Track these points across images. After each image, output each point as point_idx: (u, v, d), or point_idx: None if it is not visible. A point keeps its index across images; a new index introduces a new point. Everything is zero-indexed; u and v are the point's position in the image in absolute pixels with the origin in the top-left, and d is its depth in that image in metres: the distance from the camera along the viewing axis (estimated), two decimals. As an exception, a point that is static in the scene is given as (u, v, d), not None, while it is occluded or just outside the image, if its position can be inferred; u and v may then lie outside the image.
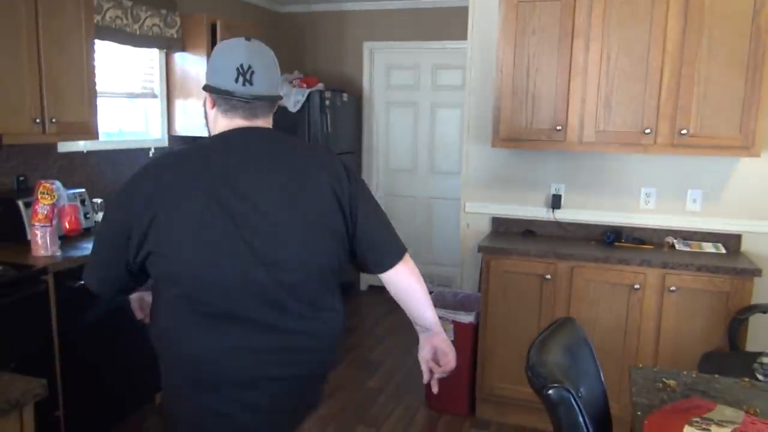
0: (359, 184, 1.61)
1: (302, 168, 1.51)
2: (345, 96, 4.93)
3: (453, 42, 4.96)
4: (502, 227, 3.46)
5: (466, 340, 3.19)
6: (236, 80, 1.46)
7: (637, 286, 2.83)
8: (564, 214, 3.35)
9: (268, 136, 1.53)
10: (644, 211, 3.25)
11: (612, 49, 2.87)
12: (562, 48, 2.92)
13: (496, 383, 3.13)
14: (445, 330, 3.18)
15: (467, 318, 3.16)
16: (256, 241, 1.41)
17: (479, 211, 3.51)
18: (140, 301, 1.76)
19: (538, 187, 3.38)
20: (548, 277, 2.95)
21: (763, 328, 2.97)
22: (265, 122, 1.54)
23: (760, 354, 2.28)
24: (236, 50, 1.48)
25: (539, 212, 3.39)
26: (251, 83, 1.47)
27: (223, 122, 1.52)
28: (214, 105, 1.53)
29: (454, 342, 3.19)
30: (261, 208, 1.42)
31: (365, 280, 5.56)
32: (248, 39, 1.50)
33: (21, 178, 3.04)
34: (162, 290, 1.47)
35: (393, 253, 1.70)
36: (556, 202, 3.34)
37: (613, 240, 3.15)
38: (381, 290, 5.28)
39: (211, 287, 1.41)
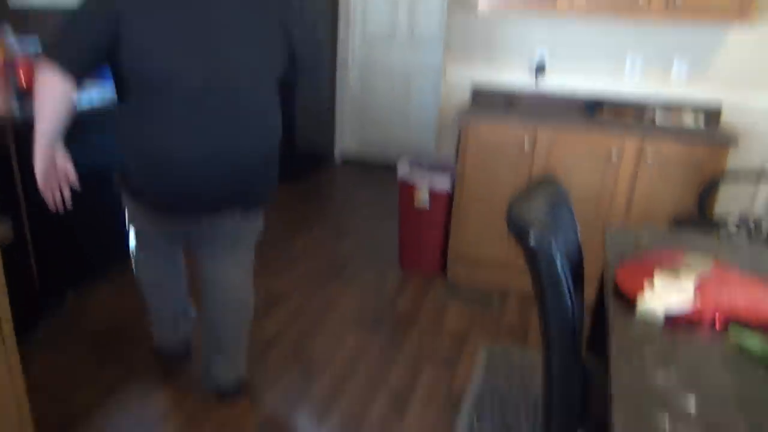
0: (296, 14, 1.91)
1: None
2: (320, -47, 4.59)
3: None
4: (482, 97, 3.38)
5: (441, 206, 3.21)
6: None
7: (614, 155, 2.83)
8: (547, 83, 3.27)
9: None
10: (628, 81, 3.18)
11: None
12: None
13: (467, 246, 3.19)
14: (420, 198, 3.22)
15: (442, 183, 3.16)
16: (214, 40, 1.70)
17: (460, 79, 3.40)
18: (49, 163, 1.78)
19: (521, 56, 3.27)
20: (527, 145, 2.93)
21: (733, 198, 3.04)
22: None
23: (726, 217, 2.34)
24: None
25: (522, 81, 3.30)
26: None
27: None
28: None
29: (429, 211, 3.22)
30: (216, 13, 1.70)
31: (340, 153, 5.50)
32: None
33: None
34: (125, 83, 1.72)
35: (314, 62, 2.09)
36: (539, 70, 3.24)
37: (594, 110, 3.11)
38: (355, 164, 5.26)
39: (170, 78, 1.67)
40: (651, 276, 1.40)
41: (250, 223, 2.06)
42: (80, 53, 1.62)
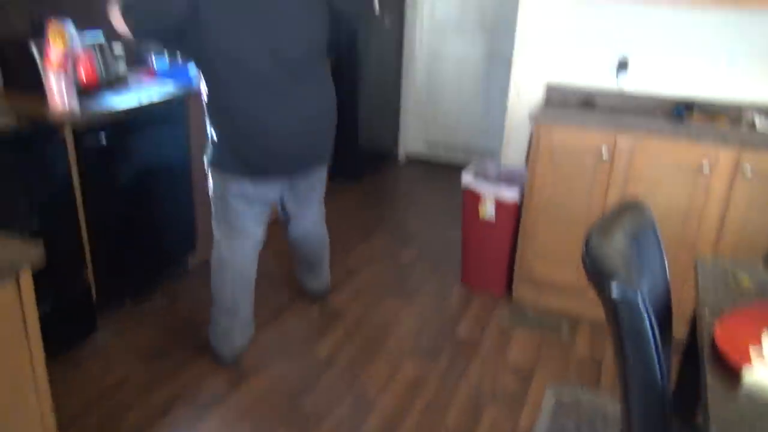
0: None
1: None
2: (390, -59, 4.40)
3: None
4: (557, 96, 3.12)
5: (508, 218, 2.99)
6: None
7: (705, 167, 2.53)
8: (630, 83, 2.98)
9: None
10: (724, 81, 2.85)
11: None
12: None
13: (536, 265, 2.97)
14: (485, 208, 3.01)
15: (510, 194, 2.94)
16: (275, 27, 2.06)
17: (532, 77, 3.15)
18: None
19: (604, 51, 2.99)
20: (605, 152, 2.67)
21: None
22: None
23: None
24: None
25: (602, 80, 3.02)
26: None
27: None
28: None
29: (494, 222, 3.01)
30: (280, 12, 2.08)
31: (403, 149, 5.32)
32: None
33: (35, 17, 2.78)
34: (206, 66, 2.10)
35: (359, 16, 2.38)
36: (622, 68, 2.95)
37: (683, 113, 2.80)
38: (419, 162, 5.07)
39: (240, 59, 2.05)
40: (759, 337, 1.16)
41: (323, 174, 2.54)
42: (150, 22, 2.00)
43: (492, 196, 2.97)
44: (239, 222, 2.34)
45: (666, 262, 1.46)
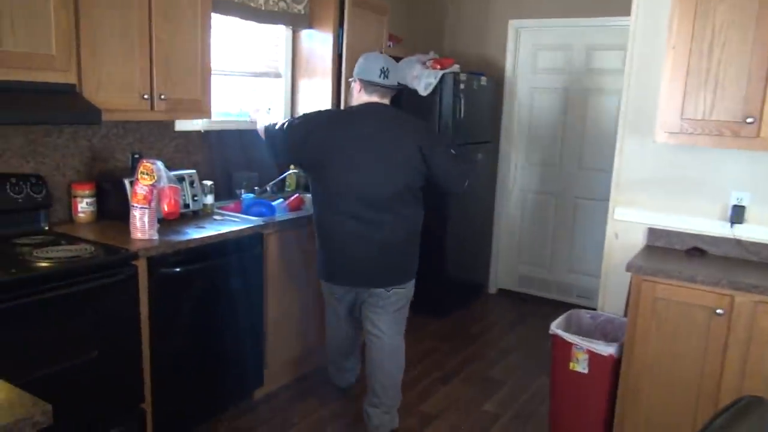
0: (435, 139, 2.89)
1: (402, 127, 2.68)
2: (483, 79, 4.45)
3: (612, 18, 4.27)
4: (660, 241, 2.82)
5: (604, 374, 2.62)
6: (380, 77, 2.66)
7: None
8: (747, 231, 2.64)
9: (389, 109, 2.74)
10: None
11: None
12: (764, 15, 2.23)
13: (639, 430, 2.54)
14: (577, 360, 2.68)
15: (607, 349, 2.59)
16: (372, 167, 2.58)
17: (632, 219, 2.89)
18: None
19: (713, 195, 2.70)
20: (720, 311, 2.31)
21: None
22: (388, 101, 2.73)
23: None
24: (379, 58, 2.72)
25: (712, 226, 2.71)
26: (388, 78, 2.68)
27: (364, 98, 2.71)
28: (361, 89, 2.71)
29: (588, 374, 2.66)
30: (379, 149, 2.59)
31: (494, 282, 5.07)
32: (381, 52, 3.06)
33: (136, 156, 2.96)
34: (315, 191, 2.76)
35: (459, 180, 2.75)
36: (737, 215, 2.63)
37: (815, 269, 2.41)
38: (511, 295, 4.76)
39: (337, 191, 2.63)
40: None
41: (399, 291, 2.76)
42: (278, 143, 2.81)
43: (585, 350, 2.63)
44: (334, 311, 2.98)
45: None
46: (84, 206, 2.71)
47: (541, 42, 4.66)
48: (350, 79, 2.81)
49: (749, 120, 2.28)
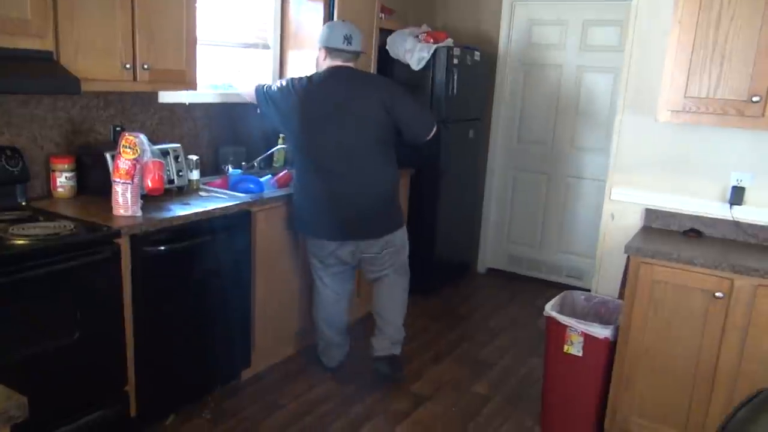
0: (396, 91, 2.84)
1: (365, 85, 2.83)
2: (477, 54, 4.34)
3: (610, -7, 4.18)
4: (657, 223, 2.77)
5: (599, 357, 2.59)
6: (343, 43, 2.81)
7: None
8: (746, 213, 2.59)
9: (353, 71, 2.86)
10: None
11: None
12: (774, -10, 2.15)
13: (632, 416, 2.52)
14: (572, 343, 2.64)
15: (603, 332, 2.55)
16: (336, 129, 2.73)
17: (629, 200, 2.83)
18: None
19: (712, 175, 2.65)
20: (719, 295, 2.26)
21: None
22: (352, 64, 2.87)
23: None
24: (342, 25, 2.88)
25: (711, 208, 2.66)
26: (351, 45, 2.83)
27: (329, 63, 2.85)
28: (326, 56, 2.86)
29: (582, 357, 2.62)
30: (346, 109, 2.73)
31: (483, 261, 5.02)
32: (343, 21, 3.08)
33: (117, 129, 2.83)
34: (297, 155, 2.90)
35: (423, 130, 2.87)
36: (737, 196, 2.59)
37: (815, 253, 2.38)
38: (501, 274, 4.70)
39: (316, 153, 2.79)
40: None
41: (388, 245, 2.95)
42: (270, 102, 2.89)
43: (580, 332, 2.59)
44: (323, 270, 3.01)
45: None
46: (63, 181, 2.59)
47: (536, 16, 4.55)
48: (319, 46, 2.91)
49: (755, 99, 2.22)
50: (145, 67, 2.53)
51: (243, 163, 3.37)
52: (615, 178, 2.86)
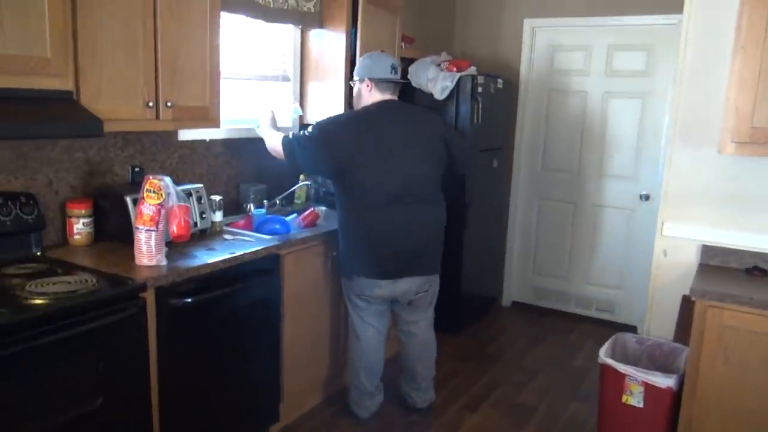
0: (450, 126, 3.31)
1: (423, 119, 2.85)
2: (500, 82, 4.20)
3: (634, 17, 4.08)
4: (715, 260, 2.59)
5: (662, 408, 2.39)
6: (391, 72, 2.76)
7: None
8: (814, 248, 2.42)
9: (404, 104, 2.93)
10: None
11: None
12: None
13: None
14: (631, 393, 2.44)
15: (666, 381, 2.36)
16: (402, 162, 2.66)
17: (683, 235, 2.66)
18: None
19: (774, 210, 2.48)
20: (800, 341, 2.08)
21: None
22: (396, 96, 2.83)
23: None
24: (385, 56, 2.83)
25: (774, 243, 2.49)
26: (397, 74, 2.81)
27: (377, 96, 2.77)
28: (372, 88, 2.76)
29: (643, 409, 2.42)
30: (412, 142, 2.70)
31: (508, 295, 4.83)
32: (382, 51, 3.02)
33: (136, 169, 2.67)
34: (352, 194, 2.68)
35: (471, 161, 3.13)
36: (802, 231, 2.42)
37: None
38: (527, 308, 4.49)
39: (381, 189, 2.64)
40: None
41: (433, 285, 2.90)
42: (300, 158, 2.68)
43: (640, 381, 2.40)
44: (367, 315, 2.87)
45: None
46: (80, 227, 2.41)
47: (558, 42, 4.43)
48: (354, 80, 2.84)
49: (830, 129, 2.06)
50: (169, 104, 2.37)
51: (265, 201, 3.20)
52: (667, 213, 2.69)
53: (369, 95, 2.76)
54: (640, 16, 4.04)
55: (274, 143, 2.77)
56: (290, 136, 2.72)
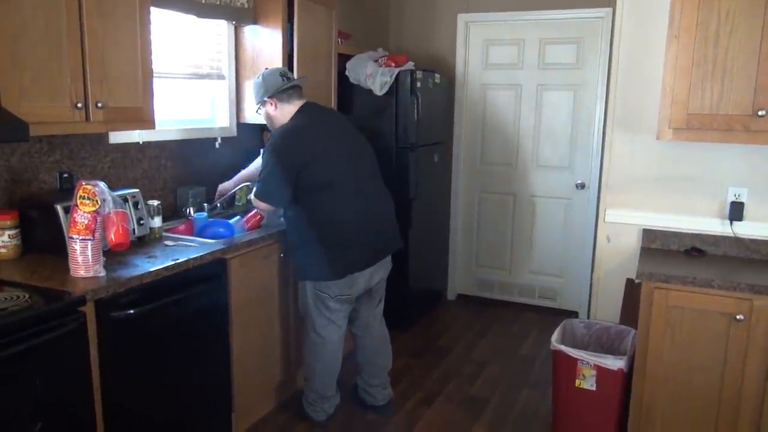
0: None
1: (341, 117, 3.03)
2: (437, 77, 4.22)
3: (565, 11, 4.19)
4: (656, 243, 2.68)
5: (614, 390, 2.45)
6: (283, 80, 2.72)
7: None
8: (747, 228, 2.54)
9: (318, 104, 2.86)
10: None
11: None
12: (773, 1, 2.11)
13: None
14: (584, 377, 2.49)
15: (617, 363, 2.42)
16: (353, 152, 2.77)
17: (625, 221, 2.74)
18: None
19: (709, 192, 2.59)
20: (740, 317, 2.18)
21: None
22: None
23: None
24: (268, 71, 2.79)
25: (710, 225, 2.60)
26: (289, 78, 2.76)
27: (289, 108, 2.73)
28: (278, 105, 2.73)
29: (596, 391, 2.47)
30: (347, 138, 2.80)
31: (453, 288, 4.86)
32: (267, 68, 2.92)
33: (65, 176, 2.51)
34: (315, 193, 2.63)
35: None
36: (735, 212, 2.54)
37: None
38: (472, 300, 4.53)
39: (343, 180, 2.66)
40: None
41: (389, 267, 2.94)
42: (282, 193, 2.61)
43: (592, 365, 2.45)
44: (331, 314, 2.77)
45: None
46: (5, 240, 2.23)
47: (491, 36, 4.49)
48: (257, 108, 2.80)
49: (761, 113, 2.16)
50: (99, 105, 2.23)
51: (205, 204, 3.08)
52: (608, 200, 2.76)
53: (280, 111, 2.71)
54: (570, 10, 4.15)
55: (255, 204, 2.72)
56: (264, 187, 2.64)
